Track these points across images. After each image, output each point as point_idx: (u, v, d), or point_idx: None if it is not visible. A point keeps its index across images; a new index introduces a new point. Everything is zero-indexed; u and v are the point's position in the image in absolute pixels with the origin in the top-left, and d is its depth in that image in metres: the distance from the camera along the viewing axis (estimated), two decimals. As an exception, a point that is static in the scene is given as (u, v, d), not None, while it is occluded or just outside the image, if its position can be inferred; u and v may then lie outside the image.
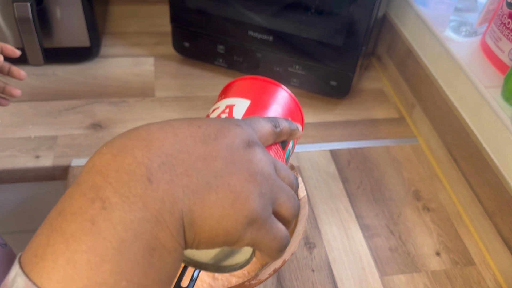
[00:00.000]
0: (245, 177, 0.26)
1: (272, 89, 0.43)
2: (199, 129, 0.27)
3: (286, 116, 0.43)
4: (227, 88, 0.45)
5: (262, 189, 0.26)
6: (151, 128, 0.27)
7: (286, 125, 0.35)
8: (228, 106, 0.41)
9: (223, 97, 0.44)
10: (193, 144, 0.26)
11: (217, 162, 0.25)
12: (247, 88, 0.43)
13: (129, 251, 0.21)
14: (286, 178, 0.30)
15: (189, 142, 0.26)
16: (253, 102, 0.41)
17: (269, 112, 0.41)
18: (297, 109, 0.45)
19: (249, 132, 0.29)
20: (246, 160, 0.26)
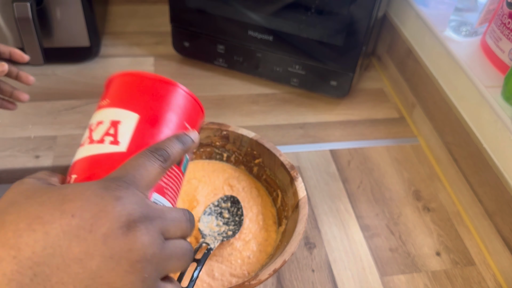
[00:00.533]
0: (125, 269, 0.25)
1: (163, 91, 0.37)
2: (72, 219, 0.25)
3: (184, 121, 0.38)
4: (111, 85, 0.38)
5: (145, 273, 0.25)
6: (19, 227, 0.24)
7: (178, 150, 0.34)
8: (112, 123, 0.35)
9: (108, 102, 0.37)
10: (67, 244, 0.24)
11: (94, 261, 0.24)
12: (134, 94, 0.36)
13: None
14: (178, 232, 0.29)
15: (62, 243, 0.24)
16: (142, 117, 0.35)
17: (163, 128, 0.36)
18: (195, 106, 0.39)
19: (130, 208, 0.26)
20: (126, 250, 0.25)
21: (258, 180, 0.65)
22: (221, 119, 0.79)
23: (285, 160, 0.60)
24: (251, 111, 0.82)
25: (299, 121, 0.82)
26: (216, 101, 0.84)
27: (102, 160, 0.34)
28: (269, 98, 0.86)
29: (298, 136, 0.79)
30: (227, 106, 0.83)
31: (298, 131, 0.80)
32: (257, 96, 0.86)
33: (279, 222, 0.60)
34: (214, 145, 0.65)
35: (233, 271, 0.55)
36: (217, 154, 0.66)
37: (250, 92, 0.86)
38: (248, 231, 0.59)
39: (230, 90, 0.86)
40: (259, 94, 0.86)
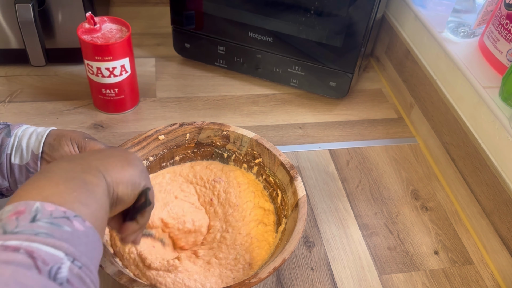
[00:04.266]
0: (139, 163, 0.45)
1: None
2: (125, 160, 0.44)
3: None
4: None
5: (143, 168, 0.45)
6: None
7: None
8: None
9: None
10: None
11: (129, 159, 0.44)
12: None
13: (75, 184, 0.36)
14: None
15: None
16: None
17: None
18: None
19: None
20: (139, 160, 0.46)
21: (258, 180, 0.65)
22: (221, 119, 0.80)
23: (284, 159, 0.61)
24: (251, 112, 0.83)
25: (298, 121, 0.82)
26: (217, 101, 0.84)
27: None
28: (269, 98, 0.86)
29: (298, 136, 0.80)
30: (227, 107, 0.83)
31: (297, 131, 0.80)
32: (257, 96, 0.86)
33: (278, 221, 0.61)
34: (214, 145, 0.66)
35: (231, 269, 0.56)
36: (218, 154, 0.67)
37: (250, 92, 0.87)
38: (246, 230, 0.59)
39: (230, 91, 0.87)
40: (259, 94, 0.87)
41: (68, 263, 0.29)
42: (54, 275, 0.28)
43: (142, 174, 0.43)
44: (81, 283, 0.30)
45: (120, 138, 0.74)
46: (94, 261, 0.33)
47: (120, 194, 0.40)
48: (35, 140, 0.51)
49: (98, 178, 0.38)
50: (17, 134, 0.52)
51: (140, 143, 0.61)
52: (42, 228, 0.30)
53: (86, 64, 0.72)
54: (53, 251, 0.29)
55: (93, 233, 0.33)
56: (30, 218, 0.30)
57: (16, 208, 0.31)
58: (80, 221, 0.32)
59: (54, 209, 0.31)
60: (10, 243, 0.28)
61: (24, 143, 0.51)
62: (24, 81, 0.82)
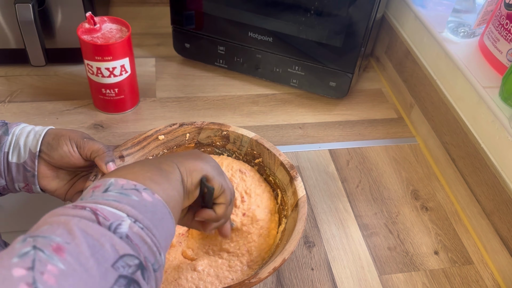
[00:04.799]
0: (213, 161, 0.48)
1: None
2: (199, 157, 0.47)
3: None
4: None
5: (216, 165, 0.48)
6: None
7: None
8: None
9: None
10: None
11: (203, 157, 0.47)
12: None
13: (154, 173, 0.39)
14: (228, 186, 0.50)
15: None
16: None
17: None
18: None
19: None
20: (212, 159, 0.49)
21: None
22: (221, 119, 0.80)
23: (284, 159, 0.61)
24: (251, 112, 0.83)
25: (298, 121, 0.82)
26: (217, 101, 0.84)
27: None
28: (269, 98, 0.86)
29: (298, 136, 0.80)
30: (227, 107, 0.83)
31: (297, 131, 0.80)
32: (257, 96, 0.86)
33: (279, 221, 0.61)
34: (214, 145, 0.66)
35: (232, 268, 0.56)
36: (218, 154, 0.67)
37: (250, 92, 0.87)
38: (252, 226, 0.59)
39: (230, 91, 0.87)
40: (259, 94, 0.87)
41: (129, 221, 0.32)
42: (114, 229, 0.31)
43: (214, 168, 0.46)
44: (141, 241, 0.32)
45: (120, 138, 0.74)
46: (161, 230, 0.34)
47: (194, 182, 0.43)
48: (33, 138, 0.51)
49: (172, 167, 0.41)
50: (15, 133, 0.52)
51: (140, 143, 0.61)
52: (112, 196, 0.33)
53: (86, 64, 0.72)
54: (116, 211, 0.32)
55: (162, 205, 0.35)
56: (103, 189, 0.34)
57: (94, 184, 0.36)
58: (150, 193, 0.35)
59: (126, 183, 0.35)
60: (80, 203, 0.32)
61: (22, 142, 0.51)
62: (24, 81, 0.82)
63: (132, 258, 0.30)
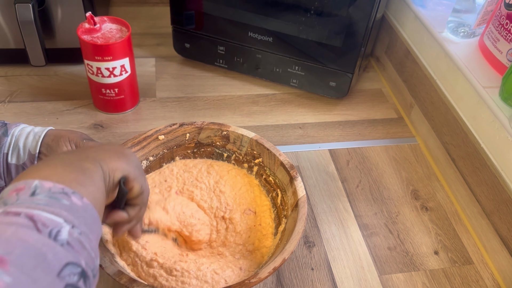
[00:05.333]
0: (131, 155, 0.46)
1: None
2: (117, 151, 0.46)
3: None
4: None
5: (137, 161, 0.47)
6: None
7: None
8: None
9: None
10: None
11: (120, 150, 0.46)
12: None
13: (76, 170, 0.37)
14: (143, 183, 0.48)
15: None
16: None
17: None
18: None
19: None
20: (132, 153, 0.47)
21: (258, 180, 0.65)
22: (221, 119, 0.80)
23: (284, 159, 0.61)
24: (251, 112, 0.83)
25: (298, 121, 0.82)
26: (217, 101, 0.84)
27: None
28: (269, 98, 0.86)
29: (298, 136, 0.80)
30: (227, 107, 0.83)
31: (297, 131, 0.80)
32: (257, 96, 0.86)
33: (278, 221, 0.61)
34: (214, 145, 0.66)
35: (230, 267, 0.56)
36: (218, 154, 0.67)
37: (250, 92, 0.87)
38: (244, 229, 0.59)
39: (230, 91, 0.87)
40: (259, 94, 0.87)
41: (68, 227, 0.31)
42: (55, 236, 0.29)
43: (136, 168, 0.44)
44: (81, 247, 0.31)
45: (120, 138, 0.74)
46: (94, 235, 0.34)
47: (115, 181, 0.41)
48: (32, 140, 0.51)
49: (95, 166, 0.39)
50: (14, 134, 0.52)
51: (140, 143, 0.61)
52: (41, 200, 0.31)
53: (86, 64, 0.72)
54: (53, 217, 0.30)
55: (91, 209, 0.34)
56: (29, 193, 0.32)
57: (15, 186, 0.33)
58: (78, 197, 0.34)
59: (52, 186, 0.33)
60: (11, 209, 0.30)
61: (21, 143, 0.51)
62: (24, 81, 0.82)
63: (75, 266, 0.30)
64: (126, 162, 0.43)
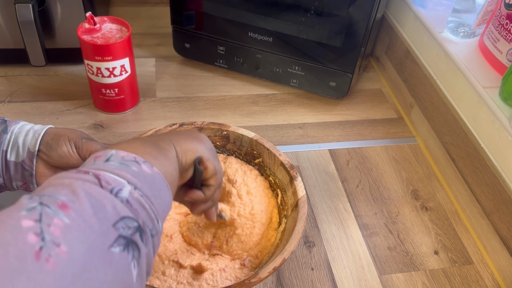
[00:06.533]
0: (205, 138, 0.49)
1: None
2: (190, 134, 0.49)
3: None
4: None
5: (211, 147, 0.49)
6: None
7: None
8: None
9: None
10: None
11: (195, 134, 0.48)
12: None
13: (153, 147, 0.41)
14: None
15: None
16: None
17: None
18: None
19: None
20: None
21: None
22: (221, 119, 0.80)
23: (284, 159, 0.61)
24: (251, 112, 0.83)
25: (298, 121, 0.82)
26: (217, 101, 0.84)
27: None
28: (269, 98, 0.86)
29: (298, 136, 0.80)
30: (227, 107, 0.83)
31: (297, 131, 0.80)
32: (257, 96, 0.86)
33: (279, 221, 0.61)
34: (214, 145, 0.66)
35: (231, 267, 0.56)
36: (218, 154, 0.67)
37: (250, 92, 0.87)
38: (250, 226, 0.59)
39: (230, 91, 0.87)
40: (259, 94, 0.87)
41: (129, 187, 0.33)
42: (116, 193, 0.32)
43: (209, 150, 0.47)
44: (140, 206, 0.33)
45: (120, 138, 0.74)
46: (159, 200, 0.36)
47: (188, 161, 0.44)
48: (32, 137, 0.51)
49: (169, 146, 0.42)
50: (14, 131, 0.52)
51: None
52: (113, 166, 0.35)
53: (86, 64, 0.72)
54: (117, 178, 0.33)
55: (160, 178, 0.37)
56: (104, 159, 0.36)
57: (95, 154, 0.37)
58: (149, 166, 0.36)
59: (126, 155, 0.36)
60: (83, 168, 0.34)
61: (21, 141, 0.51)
62: (24, 81, 0.82)
63: (132, 220, 0.32)
64: (199, 144, 0.45)
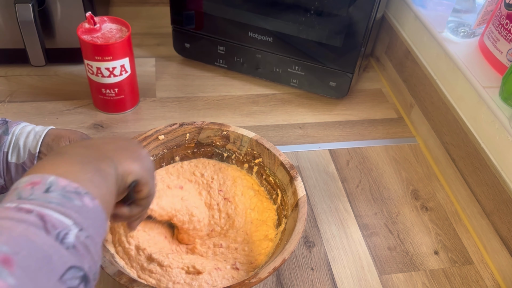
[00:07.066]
0: (144, 153, 0.47)
1: None
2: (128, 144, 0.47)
3: None
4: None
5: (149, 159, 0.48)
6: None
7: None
8: None
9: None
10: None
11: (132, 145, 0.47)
12: None
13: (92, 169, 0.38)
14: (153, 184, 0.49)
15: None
16: None
17: None
18: None
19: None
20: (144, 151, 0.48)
21: (258, 180, 0.65)
22: (221, 119, 0.80)
23: (284, 159, 0.61)
24: (251, 111, 0.83)
25: (298, 121, 0.82)
26: (217, 101, 0.84)
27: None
28: (269, 98, 0.86)
29: (298, 136, 0.80)
30: (227, 107, 0.83)
31: (297, 131, 0.80)
32: (257, 96, 0.86)
33: (278, 221, 0.61)
34: (214, 145, 0.66)
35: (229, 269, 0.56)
36: (218, 154, 0.67)
37: (250, 92, 0.87)
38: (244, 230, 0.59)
39: (230, 91, 0.87)
40: (259, 94, 0.87)
41: (76, 231, 0.31)
42: (62, 239, 0.30)
43: (147, 171, 0.45)
44: (86, 251, 0.31)
45: (120, 138, 0.74)
46: (100, 237, 0.34)
47: (126, 184, 0.42)
48: (33, 139, 0.51)
49: (110, 168, 0.40)
50: (15, 132, 0.52)
51: (140, 143, 0.61)
52: (55, 199, 0.32)
53: (86, 64, 0.72)
54: (63, 218, 0.31)
55: (100, 211, 0.35)
56: (44, 189, 0.33)
57: (31, 179, 0.33)
58: (90, 198, 0.34)
59: (67, 184, 0.34)
60: (24, 205, 0.31)
61: (22, 142, 0.51)
62: (24, 81, 0.82)
63: (78, 270, 0.30)
64: (140, 165, 0.43)
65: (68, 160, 0.37)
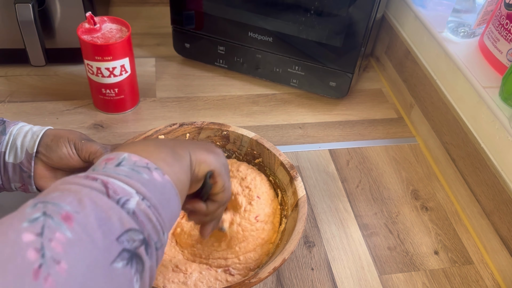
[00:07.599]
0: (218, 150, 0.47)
1: None
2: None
3: None
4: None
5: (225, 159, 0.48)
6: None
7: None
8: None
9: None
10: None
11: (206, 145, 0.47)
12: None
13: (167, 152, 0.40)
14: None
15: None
16: None
17: None
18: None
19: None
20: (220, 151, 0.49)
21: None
22: (221, 119, 0.80)
23: (284, 159, 0.61)
24: (251, 112, 0.83)
25: (298, 121, 0.82)
26: (217, 101, 0.84)
27: None
28: (269, 98, 0.86)
29: (298, 136, 0.80)
30: (227, 107, 0.83)
31: (297, 131, 0.80)
32: (257, 96, 0.86)
33: (279, 221, 0.61)
34: (214, 144, 0.66)
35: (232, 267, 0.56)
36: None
37: (250, 92, 0.87)
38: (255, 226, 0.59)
39: (230, 91, 0.87)
40: (259, 94, 0.87)
41: (137, 198, 0.32)
42: (122, 204, 0.31)
43: (223, 166, 0.46)
44: (147, 219, 0.32)
45: (120, 138, 0.74)
46: (167, 210, 0.35)
47: (201, 173, 0.43)
48: (30, 139, 0.51)
49: (185, 153, 0.41)
50: (12, 132, 0.52)
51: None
52: (123, 171, 0.34)
53: (86, 64, 0.72)
54: (126, 187, 0.33)
55: (170, 186, 0.36)
56: (116, 163, 0.35)
57: (107, 156, 0.36)
58: (160, 173, 0.36)
59: (138, 160, 0.36)
60: (92, 174, 0.33)
61: (19, 142, 0.51)
62: (24, 81, 0.82)
63: (137, 233, 0.31)
64: (214, 158, 0.44)
65: (145, 143, 0.40)
